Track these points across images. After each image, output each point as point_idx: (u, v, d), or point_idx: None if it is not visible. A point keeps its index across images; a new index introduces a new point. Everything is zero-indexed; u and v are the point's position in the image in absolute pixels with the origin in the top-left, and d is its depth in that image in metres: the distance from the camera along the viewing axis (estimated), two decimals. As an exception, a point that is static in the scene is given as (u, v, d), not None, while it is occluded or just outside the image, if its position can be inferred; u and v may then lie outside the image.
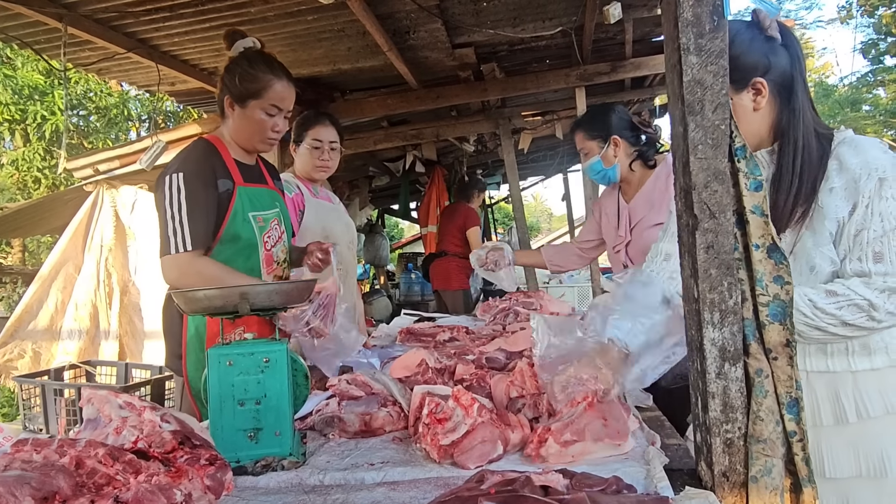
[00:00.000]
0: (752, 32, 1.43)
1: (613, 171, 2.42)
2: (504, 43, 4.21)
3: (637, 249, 2.37)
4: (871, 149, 1.33)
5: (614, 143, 2.38)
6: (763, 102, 1.42)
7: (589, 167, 2.46)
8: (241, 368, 1.34)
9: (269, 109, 1.95)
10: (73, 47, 3.30)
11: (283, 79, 1.97)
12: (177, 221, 1.81)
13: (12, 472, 0.83)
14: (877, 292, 1.24)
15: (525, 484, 0.96)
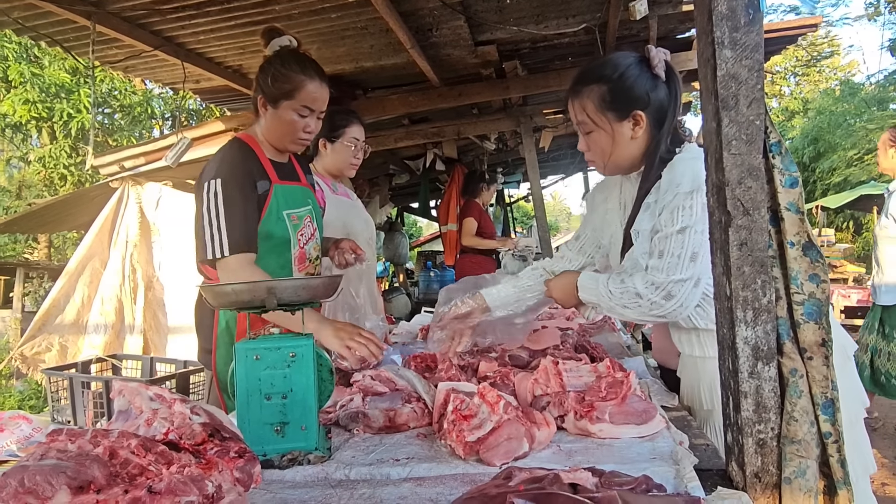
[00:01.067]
0: (640, 69, 1.58)
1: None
2: (527, 40, 4.19)
3: None
4: (680, 164, 1.52)
5: None
6: (640, 132, 1.59)
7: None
8: (267, 363, 1.34)
9: (301, 111, 1.94)
10: (101, 45, 3.35)
11: (316, 79, 1.96)
12: (215, 227, 1.81)
13: (48, 461, 0.85)
14: (647, 284, 1.47)
15: (554, 481, 0.95)
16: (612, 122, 1.60)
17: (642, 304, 1.49)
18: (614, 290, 1.54)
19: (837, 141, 17.14)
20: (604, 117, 1.61)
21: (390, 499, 1.12)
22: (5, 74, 14.56)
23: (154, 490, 0.85)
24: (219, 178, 1.83)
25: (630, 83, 1.57)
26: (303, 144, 2.04)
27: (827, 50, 26.74)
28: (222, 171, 1.85)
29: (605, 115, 1.61)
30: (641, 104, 1.57)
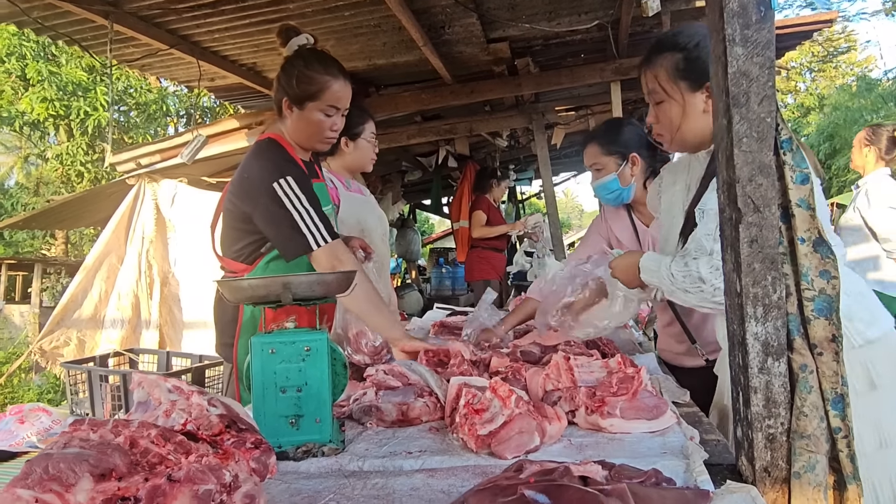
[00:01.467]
0: None
1: (629, 191, 2.21)
2: (539, 37, 4.19)
3: None
4: None
5: (633, 161, 2.19)
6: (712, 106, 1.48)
7: (601, 185, 2.22)
8: (282, 356, 1.37)
9: (328, 111, 1.95)
10: (118, 44, 3.39)
11: (340, 78, 1.96)
12: (308, 220, 1.86)
13: (71, 449, 0.87)
14: (712, 269, 1.40)
15: (564, 474, 0.97)
16: (683, 93, 1.54)
17: (705, 290, 1.41)
18: (677, 273, 1.46)
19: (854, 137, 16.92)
20: (676, 87, 1.54)
21: (403, 489, 1.14)
22: (24, 73, 14.78)
23: (173, 478, 0.87)
24: (288, 175, 1.86)
25: (706, 53, 1.47)
26: (329, 143, 2.05)
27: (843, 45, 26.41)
28: (288, 170, 1.88)
29: (678, 85, 1.54)
30: None
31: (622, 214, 2.32)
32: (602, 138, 2.21)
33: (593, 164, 2.22)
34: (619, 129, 2.21)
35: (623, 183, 2.18)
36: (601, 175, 2.21)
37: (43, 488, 0.80)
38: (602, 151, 2.20)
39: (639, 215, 2.28)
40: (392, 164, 7.75)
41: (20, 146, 20.86)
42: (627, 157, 2.17)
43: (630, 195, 2.22)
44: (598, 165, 2.20)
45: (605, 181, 2.20)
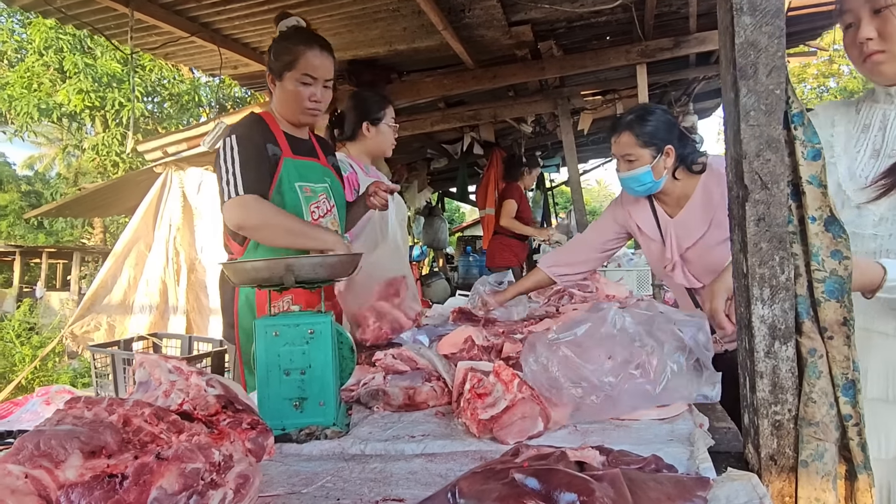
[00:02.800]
0: None
1: (659, 184, 2.08)
2: (562, 19, 4.11)
3: (700, 269, 2.08)
4: None
5: (667, 153, 2.05)
6: None
7: (633, 177, 2.07)
8: (286, 339, 1.36)
9: (303, 79, 1.98)
10: (140, 32, 3.43)
11: (315, 48, 1.99)
12: (230, 173, 1.89)
13: (64, 426, 0.88)
14: None
15: (560, 459, 0.95)
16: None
17: None
18: None
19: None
20: None
21: (401, 473, 1.13)
22: (61, 65, 15.13)
23: (162, 456, 0.87)
24: (234, 135, 1.93)
25: None
26: (313, 114, 2.05)
27: (889, 25, 25.38)
28: (237, 131, 1.94)
29: None
30: None
31: (644, 203, 2.21)
32: (637, 127, 2.05)
33: (626, 155, 2.07)
34: (652, 118, 2.06)
35: (656, 176, 2.05)
36: (633, 166, 2.06)
37: (33, 464, 0.80)
38: (637, 142, 2.04)
39: (663, 205, 2.17)
40: (417, 151, 7.73)
41: (61, 138, 21.45)
42: (662, 149, 2.03)
43: (659, 187, 2.10)
44: (632, 157, 2.06)
45: (637, 173, 2.06)
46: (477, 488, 0.89)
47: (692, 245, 2.07)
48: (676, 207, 2.13)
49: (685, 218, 2.10)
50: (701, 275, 2.08)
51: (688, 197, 2.10)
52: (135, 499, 0.81)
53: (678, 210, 2.13)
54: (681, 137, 2.08)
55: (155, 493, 0.83)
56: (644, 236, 2.23)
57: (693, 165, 2.08)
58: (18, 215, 21.32)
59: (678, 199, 2.12)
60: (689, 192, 2.09)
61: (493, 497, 0.85)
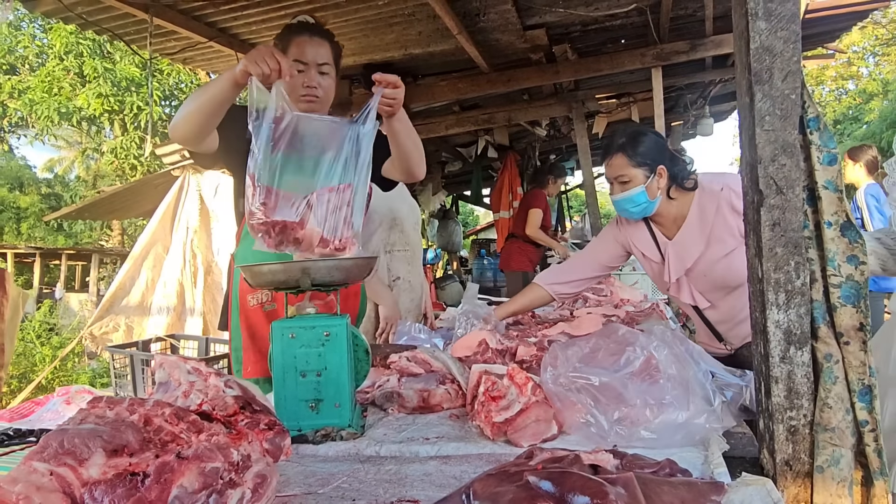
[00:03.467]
0: None
1: (654, 204, 2.08)
2: (577, 23, 4.11)
3: (709, 286, 2.08)
4: None
5: (660, 173, 2.05)
6: None
7: (627, 198, 2.07)
8: (303, 341, 1.38)
9: (295, 66, 1.93)
10: (159, 37, 3.48)
11: (304, 33, 1.95)
12: None
13: (87, 425, 0.90)
14: None
15: (574, 462, 0.95)
16: None
17: None
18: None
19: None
20: None
21: (415, 475, 1.14)
22: (81, 70, 15.37)
23: (182, 456, 0.89)
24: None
25: None
26: (309, 100, 1.96)
27: (909, 27, 25.09)
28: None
29: None
30: None
31: (641, 226, 2.21)
32: (629, 149, 2.06)
33: (619, 177, 2.08)
34: (644, 140, 2.07)
35: (651, 196, 2.06)
36: (627, 187, 2.07)
37: (58, 462, 0.82)
38: (630, 163, 2.05)
39: (660, 227, 2.17)
40: (432, 154, 7.74)
41: (80, 141, 21.76)
42: (655, 169, 2.05)
43: (654, 208, 2.10)
44: (625, 177, 2.06)
45: (631, 194, 2.06)
46: (491, 490, 0.90)
47: (693, 264, 2.06)
48: (674, 228, 2.13)
49: (683, 238, 2.09)
50: (708, 292, 2.07)
51: (683, 217, 2.10)
52: (156, 497, 0.83)
53: (675, 230, 2.12)
54: (672, 158, 2.09)
55: (176, 491, 0.85)
56: (646, 259, 2.23)
57: (685, 182, 2.08)
58: (39, 217, 21.65)
59: (675, 220, 2.12)
60: (685, 213, 2.10)
61: (507, 499, 0.86)
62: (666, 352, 1.32)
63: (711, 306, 2.07)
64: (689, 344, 1.39)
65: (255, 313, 2.02)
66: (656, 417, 1.25)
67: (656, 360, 1.31)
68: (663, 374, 1.29)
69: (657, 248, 2.16)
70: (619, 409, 1.25)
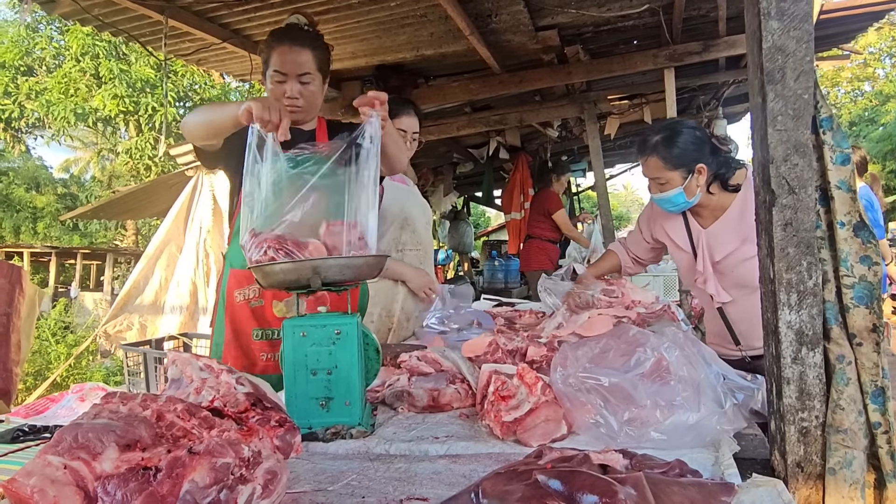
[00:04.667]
0: None
1: (693, 201, 2.04)
2: (589, 24, 4.10)
3: (731, 282, 2.04)
4: None
5: (699, 171, 1.98)
6: None
7: (666, 199, 2.04)
8: (313, 339, 1.39)
9: (275, 76, 1.94)
10: (174, 39, 3.51)
11: (285, 44, 1.93)
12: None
13: (100, 420, 0.91)
14: None
15: (583, 461, 0.95)
16: None
17: None
18: None
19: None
20: None
21: (425, 473, 1.14)
22: (97, 71, 15.54)
23: (194, 451, 0.90)
24: None
25: None
26: (291, 111, 1.93)
27: (927, 28, 24.78)
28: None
29: None
30: None
31: (675, 214, 2.17)
32: (663, 151, 1.99)
33: (656, 178, 2.04)
34: (679, 137, 1.99)
35: (689, 196, 2.01)
36: (665, 189, 2.02)
37: (72, 455, 0.83)
38: (665, 166, 1.99)
39: (696, 217, 2.13)
40: (443, 155, 7.76)
41: (96, 142, 22.01)
42: (693, 169, 1.97)
43: (694, 203, 2.06)
44: (662, 180, 2.02)
45: (669, 195, 2.02)
46: (500, 489, 0.90)
47: (723, 258, 2.02)
48: (711, 218, 2.08)
49: (718, 230, 2.05)
50: (730, 288, 2.04)
51: (724, 209, 2.05)
52: (168, 491, 0.84)
53: (712, 221, 2.08)
54: (714, 151, 2.01)
55: (187, 485, 0.86)
56: (675, 247, 2.19)
57: (728, 181, 2.02)
58: (54, 217, 21.91)
59: (713, 211, 2.08)
60: (726, 205, 2.05)
61: (516, 498, 0.86)
62: (677, 353, 1.32)
63: (733, 302, 2.03)
64: (700, 346, 1.38)
65: (241, 309, 2.03)
66: (666, 419, 1.25)
67: (667, 361, 1.31)
68: (674, 376, 1.28)
69: (689, 238, 2.12)
70: (628, 409, 1.25)
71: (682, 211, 2.11)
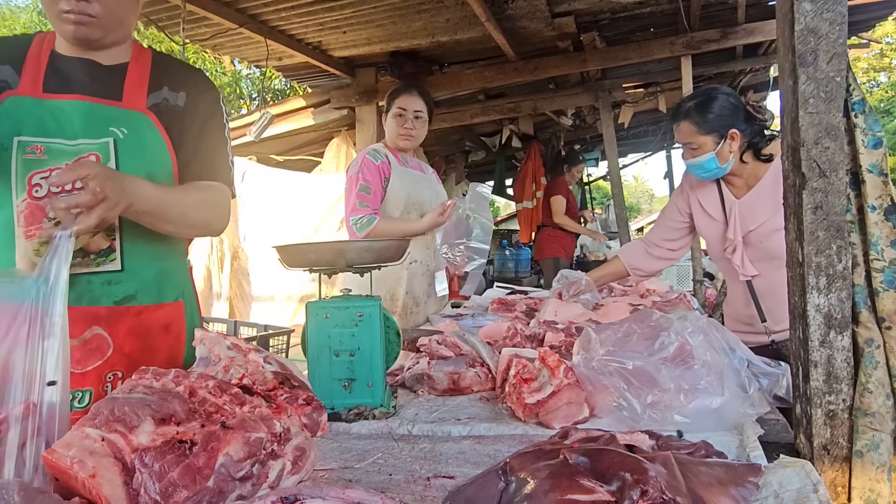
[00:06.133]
0: None
1: (726, 168, 2.04)
2: (606, 11, 4.07)
3: (759, 255, 2.03)
4: None
5: (731, 137, 1.99)
6: None
7: (698, 165, 2.05)
8: (336, 321, 1.40)
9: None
10: (191, 23, 3.52)
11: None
12: None
13: (135, 394, 0.93)
14: None
15: (609, 441, 0.96)
16: None
17: None
18: None
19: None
20: None
21: (449, 453, 1.16)
22: (109, 58, 15.55)
23: (227, 425, 0.91)
24: None
25: None
26: (75, 22, 1.28)
27: (946, 17, 24.34)
28: None
29: None
30: None
31: (710, 184, 2.18)
32: (696, 115, 2.02)
33: (688, 143, 2.06)
34: (714, 103, 2.01)
35: (721, 161, 2.02)
36: (697, 154, 2.04)
37: (109, 428, 0.85)
38: (699, 130, 2.01)
39: (730, 186, 2.13)
40: (456, 143, 7.74)
41: (106, 129, 22.10)
42: (726, 134, 1.99)
43: (726, 171, 2.07)
44: (694, 144, 2.03)
45: (701, 161, 2.03)
46: (528, 466, 0.91)
47: (755, 228, 2.02)
48: (744, 188, 2.09)
49: (752, 199, 2.05)
50: (757, 261, 2.03)
51: (758, 178, 2.06)
52: (204, 464, 0.86)
53: (746, 191, 2.09)
54: (748, 118, 2.02)
55: (222, 459, 0.87)
56: (706, 216, 2.19)
57: (761, 150, 2.03)
58: (67, 203, 22.04)
59: (747, 180, 2.08)
60: (760, 174, 2.05)
61: (545, 475, 0.87)
62: (701, 338, 1.32)
63: (760, 276, 2.02)
64: (724, 331, 1.38)
65: None
66: (690, 402, 1.25)
67: (691, 345, 1.31)
68: (698, 360, 1.29)
69: (722, 207, 2.12)
70: (651, 393, 1.25)
71: (715, 179, 2.12)
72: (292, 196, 4.89)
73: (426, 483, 1.02)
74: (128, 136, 1.36)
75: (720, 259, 2.20)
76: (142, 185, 1.26)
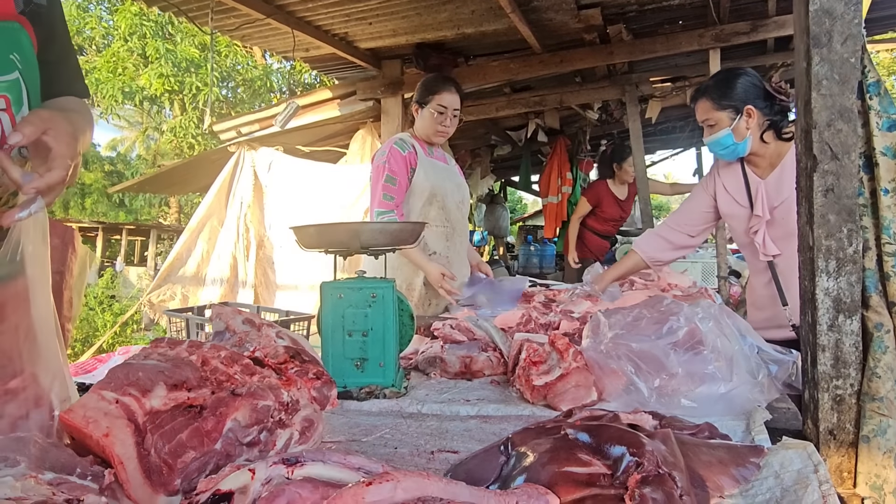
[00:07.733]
0: None
1: (744, 145, 2.08)
2: (633, 2, 4.03)
3: (781, 233, 2.04)
4: None
5: (748, 113, 2.04)
6: None
7: (715, 141, 2.10)
8: (350, 301, 1.43)
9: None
10: (220, 14, 3.58)
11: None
12: None
13: (150, 361, 0.96)
14: None
15: (612, 420, 0.96)
16: None
17: None
18: None
19: None
20: None
21: (456, 430, 1.17)
22: (144, 51, 15.87)
23: (236, 393, 0.94)
24: None
25: None
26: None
27: None
28: None
29: None
30: None
31: (735, 166, 2.21)
32: (713, 92, 2.09)
33: (705, 120, 2.12)
34: (732, 81, 2.08)
35: (738, 138, 2.07)
36: (714, 131, 2.10)
37: (123, 392, 0.88)
38: (714, 106, 2.08)
39: (753, 168, 2.16)
40: (481, 137, 7.73)
41: (141, 121, 22.57)
42: (742, 110, 2.04)
43: (746, 149, 2.10)
44: (711, 121, 2.10)
45: (718, 137, 2.09)
46: (529, 441, 0.92)
47: (780, 204, 2.04)
48: (768, 168, 2.12)
49: (775, 178, 2.08)
50: (780, 239, 2.04)
51: (781, 157, 2.08)
52: (212, 427, 0.89)
53: (770, 171, 2.11)
54: (767, 97, 2.05)
55: (230, 423, 0.90)
56: (730, 199, 2.20)
57: (781, 131, 2.06)
58: (102, 193, 22.59)
59: (770, 160, 2.11)
60: (783, 154, 2.08)
61: (545, 449, 0.88)
62: (711, 324, 1.32)
63: (782, 256, 2.03)
64: (735, 317, 1.38)
65: None
66: (698, 387, 1.25)
67: (701, 331, 1.31)
68: (707, 346, 1.28)
69: (747, 190, 2.14)
70: (659, 377, 1.25)
71: (734, 157, 2.15)
72: (317, 186, 4.95)
73: (430, 456, 1.04)
74: (22, 62, 1.06)
75: (744, 243, 2.21)
76: (81, 130, 1.06)
